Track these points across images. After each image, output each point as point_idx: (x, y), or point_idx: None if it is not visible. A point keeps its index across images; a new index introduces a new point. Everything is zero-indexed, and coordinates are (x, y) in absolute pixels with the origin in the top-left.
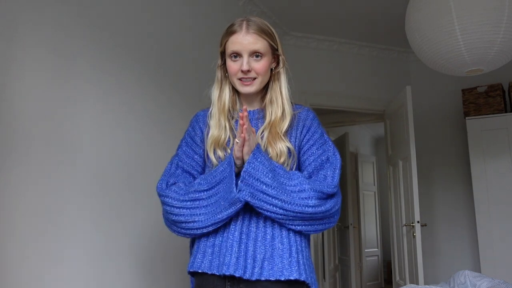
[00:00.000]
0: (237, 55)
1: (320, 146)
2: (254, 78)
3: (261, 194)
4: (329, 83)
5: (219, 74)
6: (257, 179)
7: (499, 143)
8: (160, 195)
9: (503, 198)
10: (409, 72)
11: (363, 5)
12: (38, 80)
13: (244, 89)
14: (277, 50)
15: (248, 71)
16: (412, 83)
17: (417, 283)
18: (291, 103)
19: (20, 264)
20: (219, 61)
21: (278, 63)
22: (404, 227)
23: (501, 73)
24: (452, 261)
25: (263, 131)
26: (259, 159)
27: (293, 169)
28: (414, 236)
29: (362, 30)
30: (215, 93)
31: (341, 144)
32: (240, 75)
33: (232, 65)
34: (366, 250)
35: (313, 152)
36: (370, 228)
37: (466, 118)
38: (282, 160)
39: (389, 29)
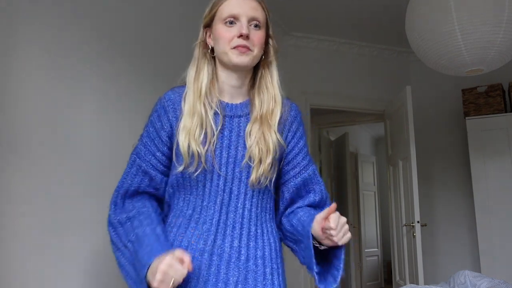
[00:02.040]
0: (233, 20)
1: (305, 156)
2: (250, 50)
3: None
4: (329, 83)
5: (197, 52)
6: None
7: (499, 143)
8: (108, 222)
9: (503, 198)
10: (409, 72)
11: (363, 5)
12: (37, 81)
13: (239, 58)
14: (269, 29)
15: (247, 37)
16: (412, 83)
17: (417, 283)
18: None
19: (20, 263)
20: (201, 36)
21: (267, 50)
22: (404, 227)
23: (501, 73)
24: (452, 261)
25: (251, 126)
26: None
27: (274, 173)
28: (414, 236)
29: (362, 30)
30: (191, 73)
31: (341, 144)
32: (236, 42)
33: (226, 32)
34: (366, 250)
35: (298, 163)
36: (370, 228)
37: (466, 118)
38: (270, 158)
39: (389, 29)
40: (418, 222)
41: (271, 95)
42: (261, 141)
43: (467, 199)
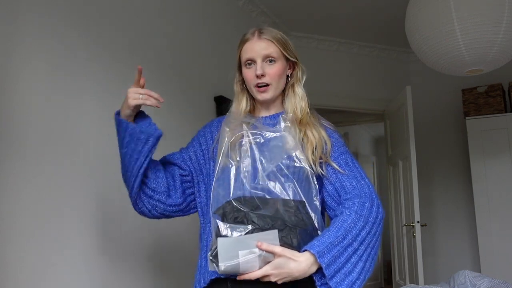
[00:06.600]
0: (251, 62)
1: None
2: (268, 85)
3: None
4: (329, 83)
5: (235, 88)
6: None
7: (499, 143)
8: None
9: (503, 198)
10: (409, 72)
11: (363, 5)
12: (37, 77)
13: (260, 95)
14: (290, 57)
15: (262, 75)
16: (412, 83)
17: (417, 283)
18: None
19: (19, 264)
20: (237, 76)
21: (294, 69)
22: (404, 227)
23: (501, 73)
24: (452, 261)
25: (289, 127)
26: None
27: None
28: (414, 236)
29: (362, 30)
30: (233, 105)
31: None
32: (256, 81)
33: (247, 72)
34: None
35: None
36: None
37: (466, 118)
38: (319, 149)
39: (389, 29)
40: (418, 222)
41: (298, 97)
42: (306, 134)
43: (467, 199)
